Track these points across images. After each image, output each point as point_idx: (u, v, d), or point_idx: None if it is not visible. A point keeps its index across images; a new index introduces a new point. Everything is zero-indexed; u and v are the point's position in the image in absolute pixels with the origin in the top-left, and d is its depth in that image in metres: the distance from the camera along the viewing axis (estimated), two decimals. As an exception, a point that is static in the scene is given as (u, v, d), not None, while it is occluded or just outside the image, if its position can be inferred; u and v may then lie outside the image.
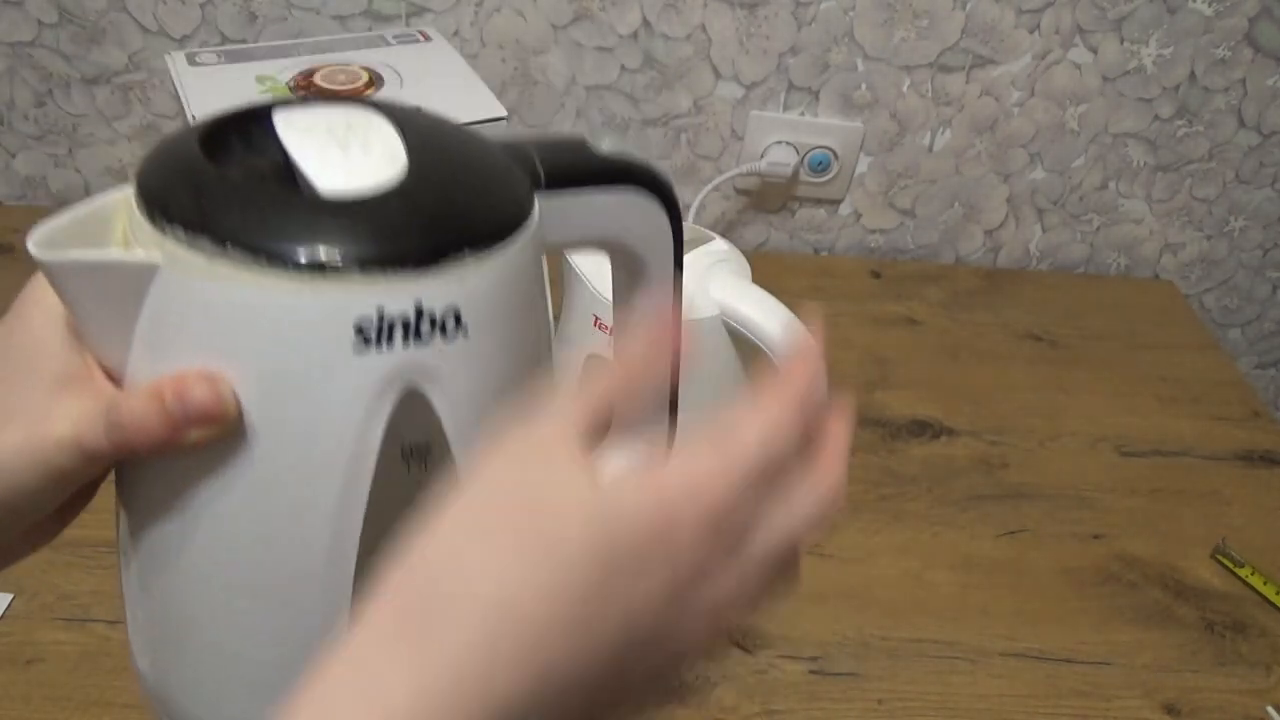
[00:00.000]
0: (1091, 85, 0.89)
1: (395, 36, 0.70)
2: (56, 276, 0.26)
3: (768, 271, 0.65)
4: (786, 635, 0.61)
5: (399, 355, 0.27)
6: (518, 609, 0.23)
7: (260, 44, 0.68)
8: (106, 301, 0.27)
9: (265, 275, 0.25)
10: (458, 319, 0.27)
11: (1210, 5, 0.85)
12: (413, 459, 0.29)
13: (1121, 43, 0.87)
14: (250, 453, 0.27)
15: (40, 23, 0.83)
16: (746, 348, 0.60)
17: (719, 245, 0.64)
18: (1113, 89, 0.89)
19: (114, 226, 0.28)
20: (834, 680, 0.59)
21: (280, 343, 0.26)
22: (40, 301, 0.29)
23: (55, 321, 0.29)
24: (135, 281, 0.26)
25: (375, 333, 0.26)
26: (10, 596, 0.58)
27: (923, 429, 0.77)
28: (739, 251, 0.65)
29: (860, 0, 0.84)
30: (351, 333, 0.26)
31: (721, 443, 0.26)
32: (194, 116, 0.58)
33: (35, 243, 0.26)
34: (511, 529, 0.24)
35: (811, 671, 0.59)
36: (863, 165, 0.94)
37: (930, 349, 0.86)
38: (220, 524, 0.28)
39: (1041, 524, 0.70)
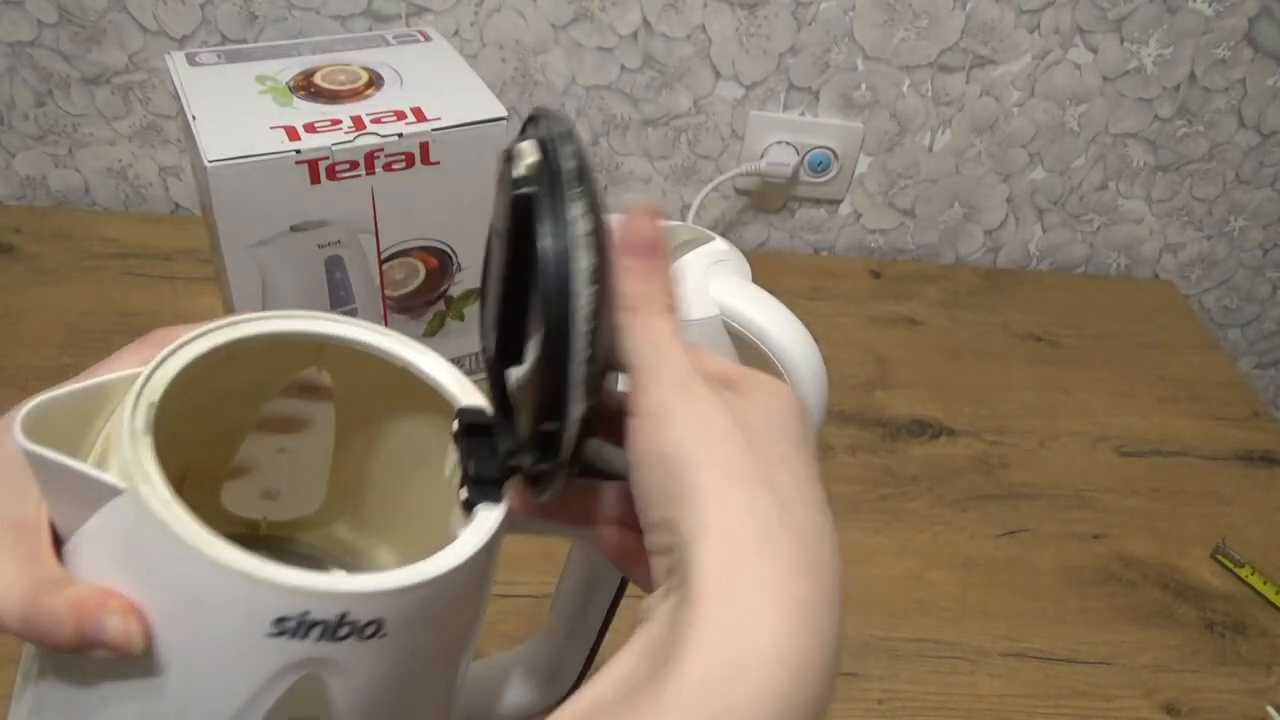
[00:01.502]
0: (1091, 85, 0.89)
1: (395, 36, 0.70)
2: (30, 460, 0.27)
3: (768, 271, 0.65)
4: (786, 635, 0.61)
5: (309, 647, 0.27)
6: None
7: (260, 44, 0.68)
8: (66, 495, 0.28)
9: (213, 549, 0.26)
10: (379, 626, 0.28)
11: (1210, 5, 0.85)
12: None
13: (1121, 43, 0.87)
14: (145, 682, 0.28)
15: (40, 23, 0.83)
16: (747, 348, 0.60)
17: (719, 245, 0.64)
18: (1113, 89, 0.89)
19: (104, 409, 0.30)
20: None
21: (204, 606, 0.27)
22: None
23: (15, 486, 0.29)
24: (96, 494, 0.27)
25: (294, 628, 0.27)
26: (10, 596, 0.58)
27: (923, 429, 0.77)
28: (739, 251, 0.65)
29: (860, 0, 0.84)
30: (269, 624, 0.27)
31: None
32: (194, 116, 0.58)
33: (22, 421, 0.27)
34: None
35: (811, 671, 0.59)
36: (863, 165, 0.94)
37: (930, 349, 0.86)
38: None
39: (1041, 524, 0.70)
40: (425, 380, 0.35)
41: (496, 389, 0.33)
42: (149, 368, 0.30)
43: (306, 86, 0.62)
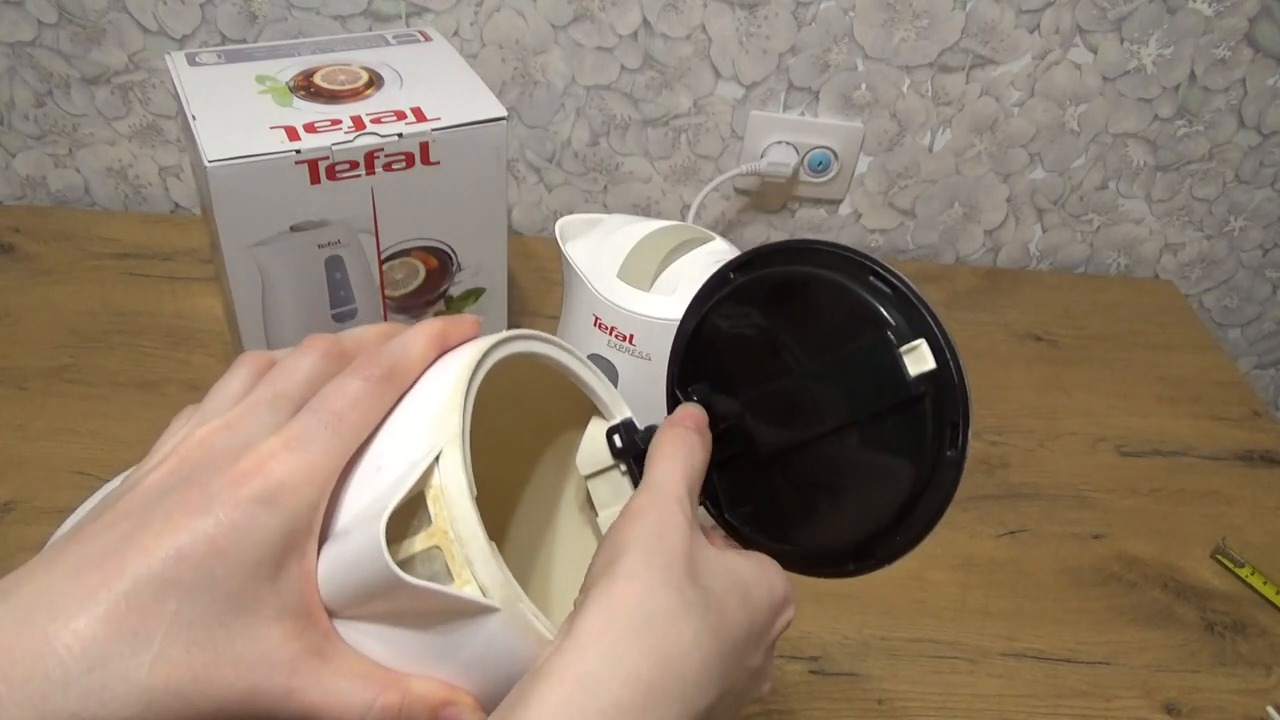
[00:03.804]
0: (1091, 85, 0.89)
1: (395, 36, 0.70)
2: (394, 589, 0.26)
3: (768, 271, 0.64)
4: (786, 635, 0.61)
5: None
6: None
7: (260, 44, 0.68)
8: (412, 607, 0.27)
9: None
10: None
11: (1210, 5, 0.85)
12: None
13: (1121, 43, 0.87)
14: None
15: (40, 23, 0.83)
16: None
17: (719, 245, 0.64)
18: (1113, 89, 0.89)
19: (423, 504, 0.28)
20: (834, 680, 0.59)
21: None
22: (272, 517, 0.26)
23: (285, 544, 0.26)
24: (458, 611, 0.27)
25: None
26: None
27: (923, 429, 0.77)
28: (739, 252, 0.65)
29: (860, 0, 0.84)
30: None
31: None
32: (194, 116, 0.58)
33: (389, 549, 0.26)
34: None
35: (811, 671, 0.59)
36: (863, 165, 0.94)
37: (930, 349, 0.86)
38: None
39: (1041, 524, 0.70)
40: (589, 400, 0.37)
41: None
42: (457, 458, 0.28)
43: (306, 86, 0.62)
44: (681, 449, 0.33)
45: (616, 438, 0.37)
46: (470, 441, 0.28)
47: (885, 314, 0.32)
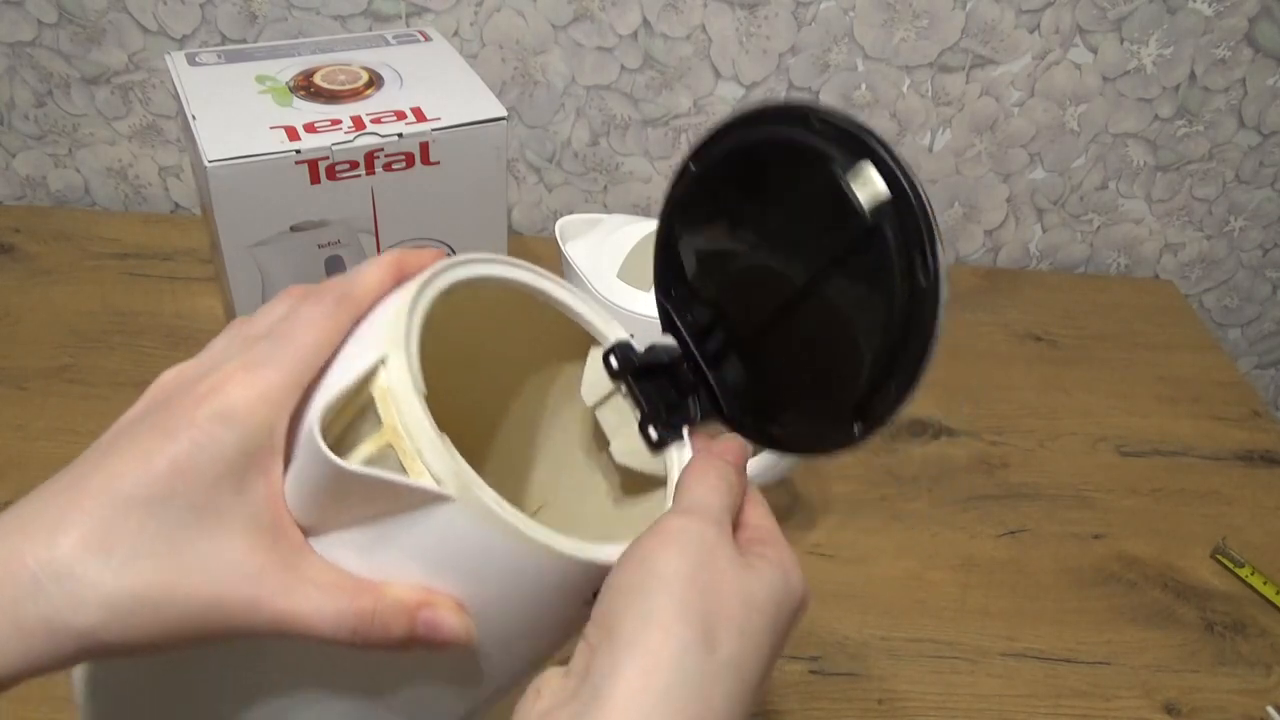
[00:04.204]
0: (1091, 85, 0.89)
1: (395, 36, 0.70)
2: (336, 480, 0.26)
3: (768, 271, 0.65)
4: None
5: None
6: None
7: (260, 44, 0.68)
8: (367, 505, 0.27)
9: (555, 542, 0.28)
10: None
11: (1210, 5, 0.85)
12: None
13: (1121, 43, 0.87)
14: (439, 662, 0.29)
15: (40, 23, 0.83)
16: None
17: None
18: (1113, 89, 0.89)
19: (369, 415, 0.28)
20: (834, 680, 0.59)
21: (528, 589, 0.28)
22: (233, 431, 0.27)
23: (247, 458, 0.27)
24: (413, 502, 0.27)
25: None
26: (10, 596, 0.58)
27: (923, 429, 0.77)
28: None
29: (860, 0, 0.84)
30: (590, 594, 0.28)
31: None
32: (194, 116, 0.58)
33: (324, 436, 0.26)
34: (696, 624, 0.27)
35: (811, 671, 0.59)
36: (863, 165, 0.93)
37: (930, 349, 0.86)
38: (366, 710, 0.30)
39: (1041, 524, 0.70)
40: (577, 322, 0.36)
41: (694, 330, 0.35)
42: (401, 358, 0.28)
43: (306, 86, 0.62)
44: (723, 482, 0.31)
45: (612, 358, 0.35)
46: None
47: (824, 149, 0.30)
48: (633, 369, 0.35)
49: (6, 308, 0.78)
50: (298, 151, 0.57)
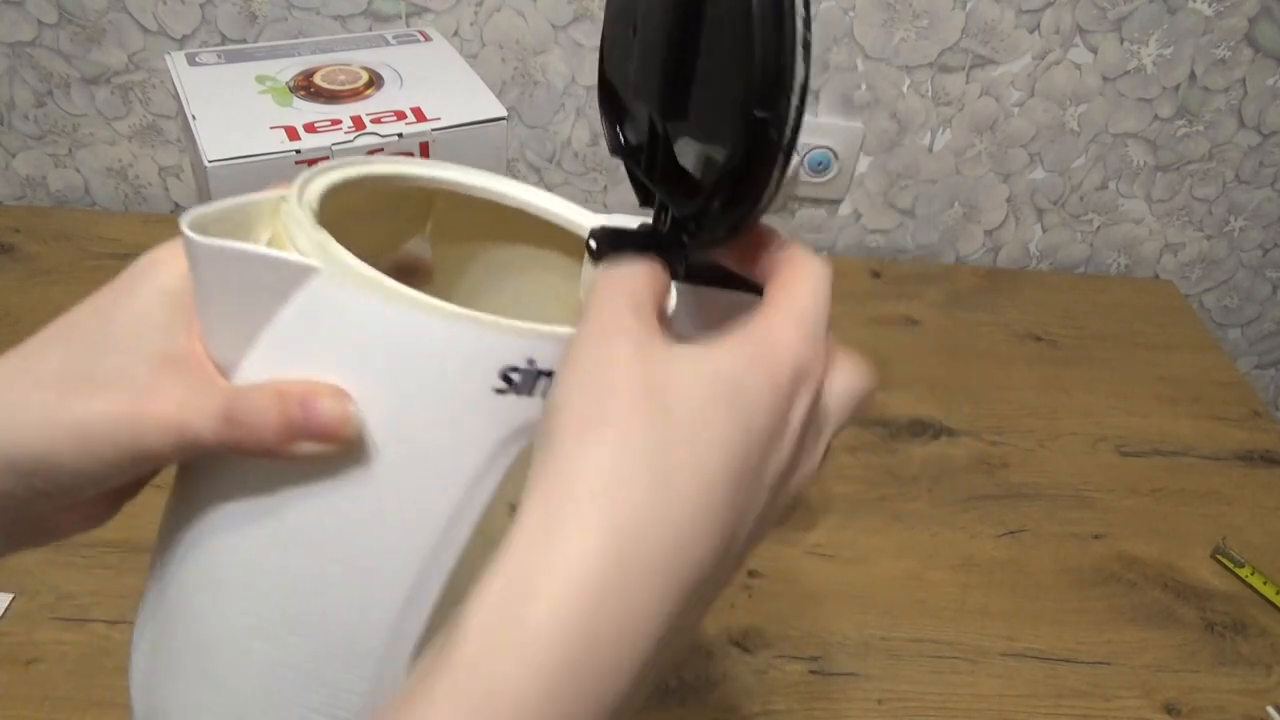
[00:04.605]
0: (1091, 85, 0.89)
1: (395, 36, 0.70)
2: (204, 262, 0.26)
3: (768, 271, 0.65)
4: (786, 635, 0.61)
5: (536, 404, 0.26)
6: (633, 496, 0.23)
7: (260, 44, 0.68)
8: (247, 295, 0.26)
9: (434, 303, 0.25)
10: None
11: (1210, 5, 0.85)
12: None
13: (1121, 43, 0.87)
14: (348, 481, 0.26)
15: (40, 23, 0.83)
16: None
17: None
18: (1113, 89, 0.89)
19: (258, 227, 0.28)
20: (834, 680, 0.59)
21: (421, 370, 0.26)
22: (151, 279, 0.28)
23: (166, 299, 0.28)
24: (285, 282, 0.26)
25: (521, 381, 0.26)
26: (10, 596, 0.58)
27: (923, 429, 0.77)
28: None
29: (860, 0, 0.84)
30: (497, 378, 0.25)
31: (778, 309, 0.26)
32: (194, 116, 0.58)
33: (189, 225, 0.25)
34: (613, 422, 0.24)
35: (811, 671, 0.59)
36: (863, 165, 0.94)
37: (930, 349, 0.86)
38: (285, 551, 0.27)
39: (1041, 524, 0.70)
40: (545, 220, 0.34)
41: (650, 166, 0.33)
42: (295, 188, 0.28)
43: (306, 86, 0.62)
44: (620, 268, 0.28)
45: (592, 242, 0.33)
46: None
47: None
48: (617, 244, 0.33)
49: (6, 308, 0.78)
50: (298, 151, 0.57)
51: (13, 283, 0.81)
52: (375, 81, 0.64)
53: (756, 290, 0.29)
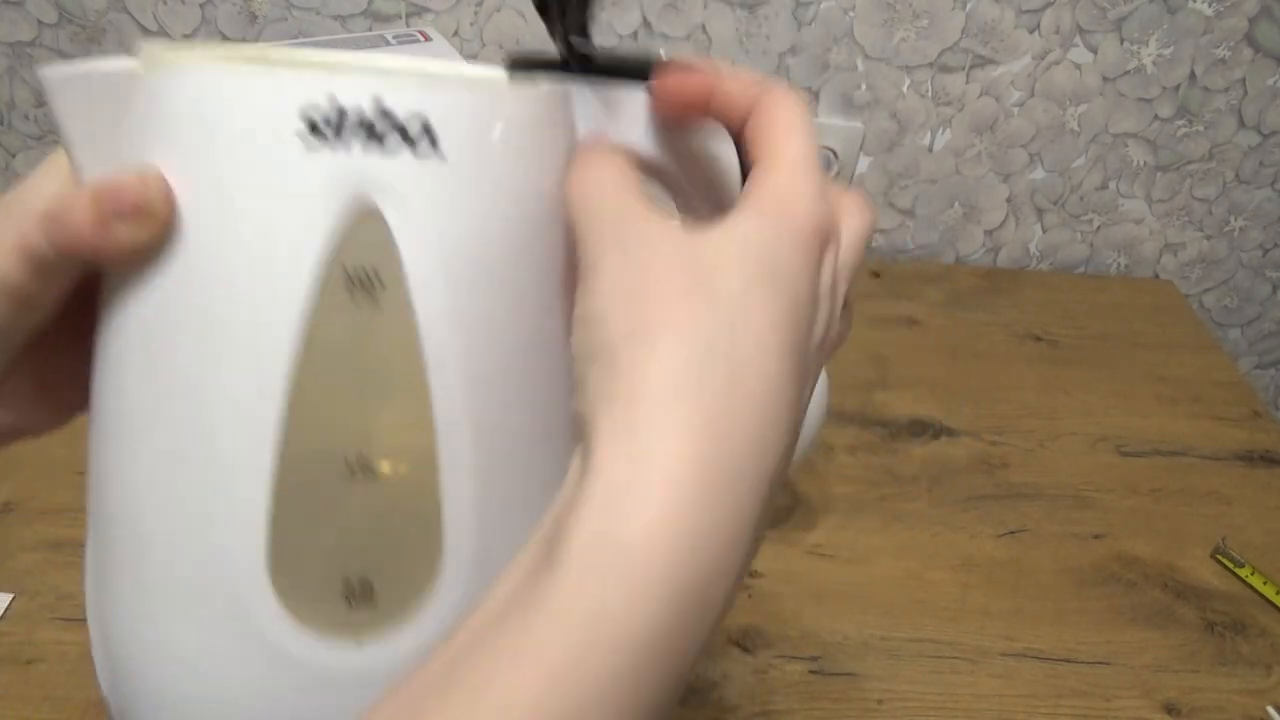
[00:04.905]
0: (1091, 85, 0.89)
1: (395, 36, 0.70)
2: (57, 95, 0.26)
3: (768, 271, 0.64)
4: (786, 635, 0.61)
5: (355, 159, 0.25)
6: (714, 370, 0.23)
7: (260, 44, 0.67)
8: (94, 118, 0.26)
9: (223, 58, 0.25)
10: (429, 134, 0.25)
11: (1210, 5, 0.85)
12: (359, 290, 0.26)
13: (1121, 43, 0.87)
14: (181, 264, 0.26)
15: (40, 23, 0.83)
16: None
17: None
18: (1113, 89, 0.89)
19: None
20: (834, 680, 0.59)
21: (229, 133, 0.25)
22: (56, 163, 0.29)
23: (60, 174, 0.28)
24: (118, 89, 0.26)
25: (327, 125, 0.25)
26: (10, 596, 0.58)
27: (923, 429, 0.77)
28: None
29: (860, 0, 0.84)
30: (300, 123, 0.24)
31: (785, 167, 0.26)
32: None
33: (47, 69, 0.26)
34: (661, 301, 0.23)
35: (811, 671, 0.59)
36: (863, 165, 0.94)
37: (930, 349, 0.86)
38: (146, 363, 0.27)
39: (1041, 524, 0.70)
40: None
41: None
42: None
43: (306, 86, 0.62)
44: (589, 156, 0.27)
45: (509, 66, 0.30)
46: None
47: None
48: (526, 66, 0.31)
49: (6, 308, 0.78)
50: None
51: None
52: (375, 81, 0.64)
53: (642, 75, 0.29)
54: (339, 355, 0.26)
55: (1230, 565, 0.68)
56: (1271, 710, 0.59)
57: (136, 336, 0.27)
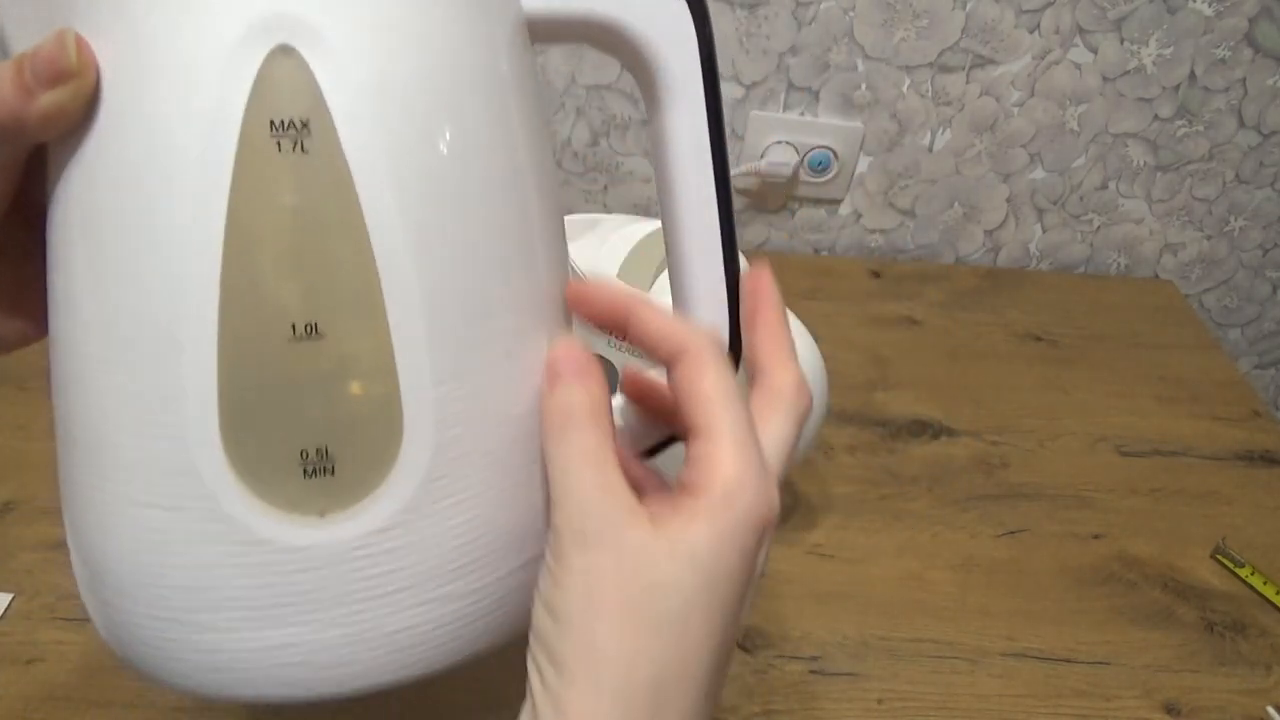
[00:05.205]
0: (1091, 85, 0.89)
1: None
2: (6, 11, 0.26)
3: (768, 271, 0.64)
4: (786, 635, 0.61)
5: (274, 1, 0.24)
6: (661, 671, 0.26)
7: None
8: (34, 17, 0.26)
9: None
10: None
11: (1210, 5, 0.85)
12: (284, 136, 0.25)
13: (1121, 43, 0.87)
14: (109, 133, 0.25)
15: (40, 23, 0.83)
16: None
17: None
18: (1113, 89, 0.89)
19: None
20: (834, 680, 0.59)
21: None
22: None
23: None
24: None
25: None
26: (10, 596, 0.58)
27: (923, 429, 0.77)
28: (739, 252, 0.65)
29: (860, 0, 0.84)
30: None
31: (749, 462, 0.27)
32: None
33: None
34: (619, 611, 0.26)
35: (811, 671, 0.59)
36: (863, 165, 0.94)
37: (930, 349, 0.86)
38: (86, 247, 0.26)
39: (1041, 524, 0.70)
40: None
41: None
42: None
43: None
44: (576, 415, 0.28)
45: None
46: None
47: None
48: None
49: (7, 308, 0.78)
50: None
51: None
52: (375, 82, 0.64)
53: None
54: (273, 213, 0.25)
55: (1230, 565, 0.68)
56: (1271, 710, 0.59)
57: (75, 219, 0.26)
